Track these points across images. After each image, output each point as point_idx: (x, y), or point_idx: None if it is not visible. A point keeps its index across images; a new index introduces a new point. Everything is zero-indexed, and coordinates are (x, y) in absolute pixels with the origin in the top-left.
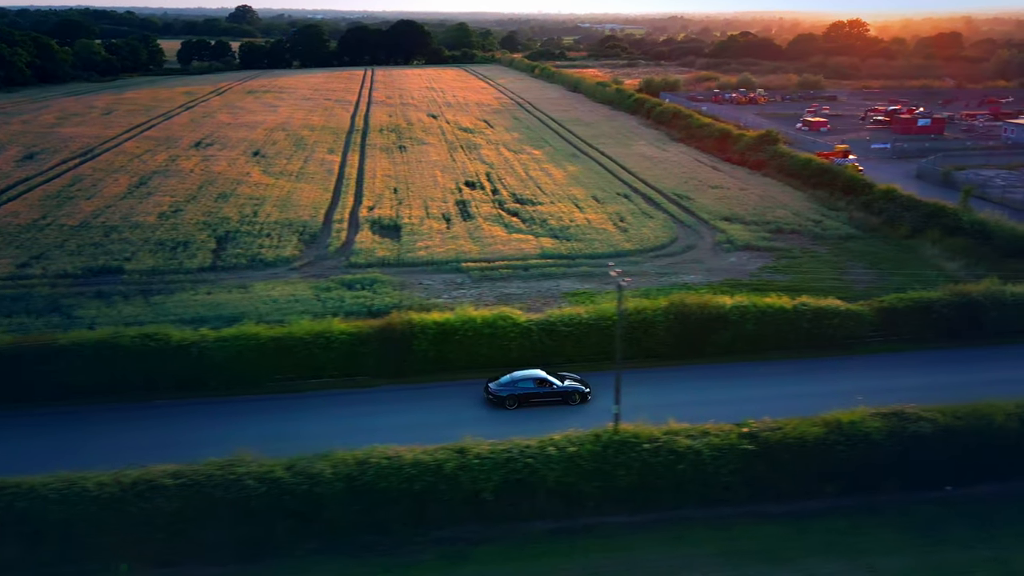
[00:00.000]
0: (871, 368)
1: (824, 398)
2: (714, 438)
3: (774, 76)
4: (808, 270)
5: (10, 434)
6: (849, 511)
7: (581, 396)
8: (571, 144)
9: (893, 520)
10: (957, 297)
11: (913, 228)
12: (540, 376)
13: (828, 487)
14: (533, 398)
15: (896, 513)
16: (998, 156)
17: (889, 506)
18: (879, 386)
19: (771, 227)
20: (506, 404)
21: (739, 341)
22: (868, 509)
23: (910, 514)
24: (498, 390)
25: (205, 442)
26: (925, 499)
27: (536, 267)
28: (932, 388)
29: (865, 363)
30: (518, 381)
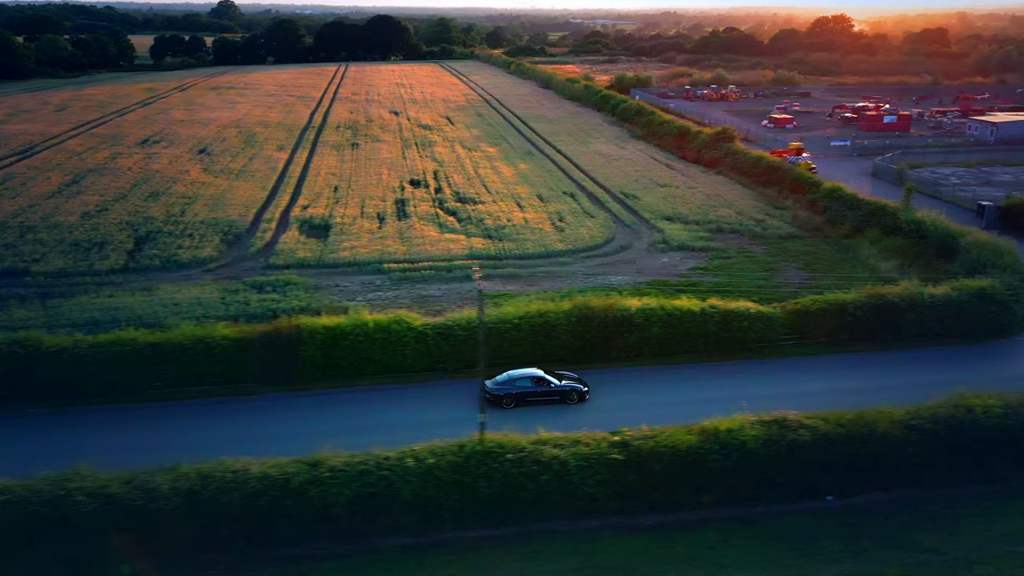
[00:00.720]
0: (779, 372)
1: (723, 403)
2: (583, 448)
3: (750, 72)
4: (739, 270)
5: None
6: (723, 523)
7: (579, 395)
8: (529, 141)
9: (765, 532)
10: (872, 299)
11: (854, 227)
12: (538, 375)
13: (704, 498)
14: (530, 397)
15: (769, 525)
16: (958, 153)
17: (764, 517)
18: (787, 391)
19: (712, 226)
20: (503, 403)
21: (645, 344)
22: (743, 520)
23: (784, 526)
24: (495, 389)
25: (71, 455)
26: (803, 510)
27: (461, 268)
28: (842, 392)
29: (774, 367)
30: (515, 380)
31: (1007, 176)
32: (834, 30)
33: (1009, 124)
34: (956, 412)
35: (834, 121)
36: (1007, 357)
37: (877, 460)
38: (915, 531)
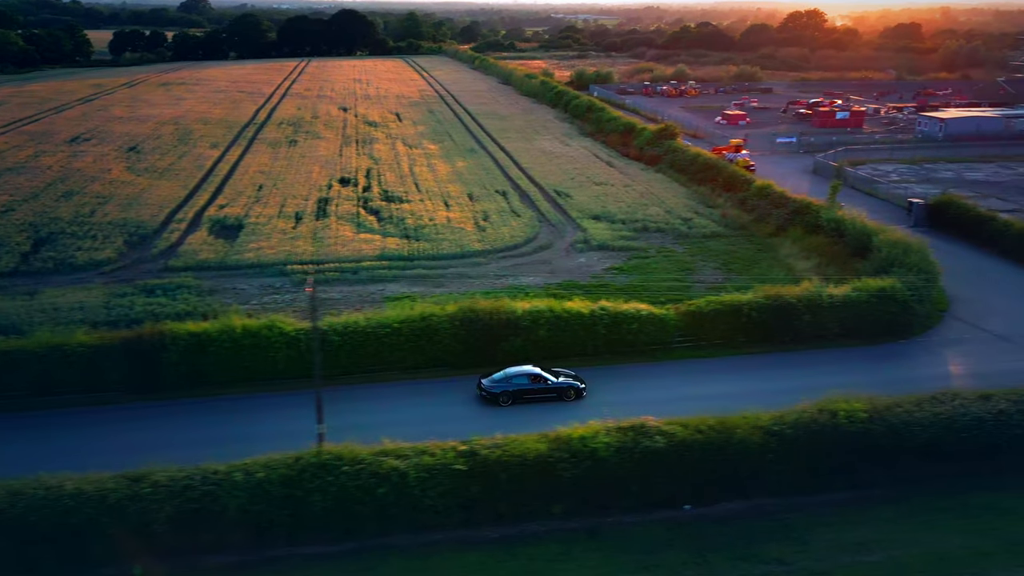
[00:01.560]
0: (669, 375)
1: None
2: (428, 458)
3: (714, 68)
4: (654, 271)
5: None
6: (569, 534)
7: (576, 392)
8: (474, 138)
9: (611, 543)
10: (769, 300)
11: (778, 226)
12: (534, 372)
13: (554, 508)
14: (527, 394)
15: (618, 535)
16: (903, 150)
17: (614, 528)
18: (674, 395)
19: (638, 225)
20: (500, 401)
21: (532, 347)
22: (590, 531)
23: (633, 536)
24: (491, 387)
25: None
26: (656, 520)
27: (369, 269)
28: (731, 396)
29: (665, 370)
30: (512, 377)
31: (948, 173)
32: (807, 25)
33: (958, 120)
34: (820, 417)
35: (788, 117)
36: (906, 358)
37: (735, 467)
38: (766, 541)
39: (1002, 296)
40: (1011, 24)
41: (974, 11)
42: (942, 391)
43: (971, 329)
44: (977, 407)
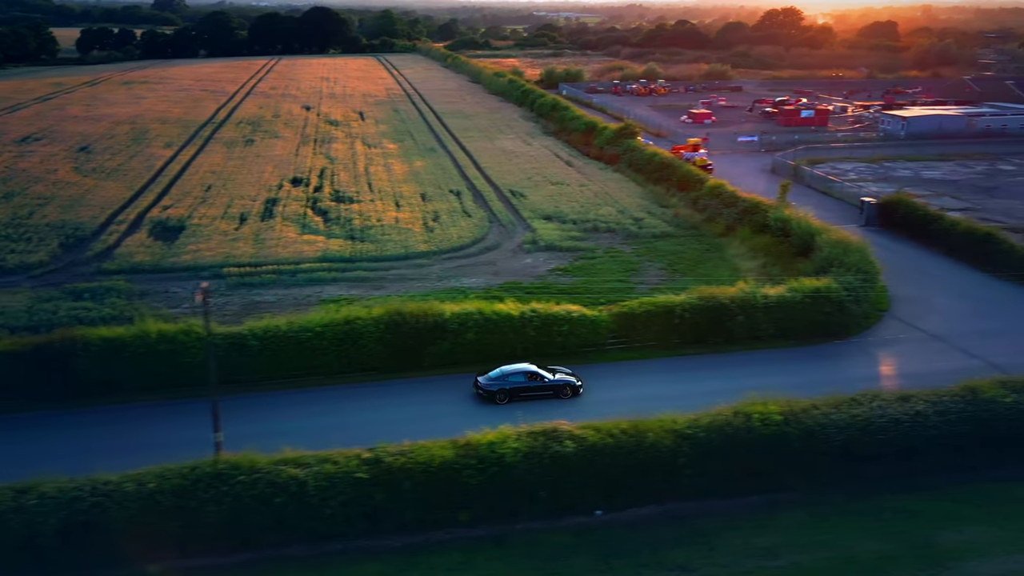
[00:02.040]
0: (601, 378)
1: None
2: (329, 466)
3: (686, 66)
4: (599, 272)
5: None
6: (474, 542)
7: (573, 389)
8: (436, 137)
9: (516, 551)
10: (702, 301)
11: (728, 225)
12: (531, 370)
13: (461, 515)
14: (524, 392)
15: (523, 543)
16: (865, 148)
17: (521, 535)
18: (606, 397)
19: (588, 226)
20: (497, 399)
21: (460, 351)
22: (495, 539)
23: (538, 543)
24: (488, 384)
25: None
26: (566, 526)
27: (308, 271)
28: (663, 398)
29: (597, 372)
30: (508, 375)
31: (906, 172)
32: (783, 23)
33: (919, 119)
34: (734, 420)
35: (754, 116)
36: (839, 359)
37: (647, 472)
38: (673, 546)
39: (943, 295)
40: (992, 22)
41: (955, 9)
42: (862, 392)
43: (908, 329)
44: (895, 408)
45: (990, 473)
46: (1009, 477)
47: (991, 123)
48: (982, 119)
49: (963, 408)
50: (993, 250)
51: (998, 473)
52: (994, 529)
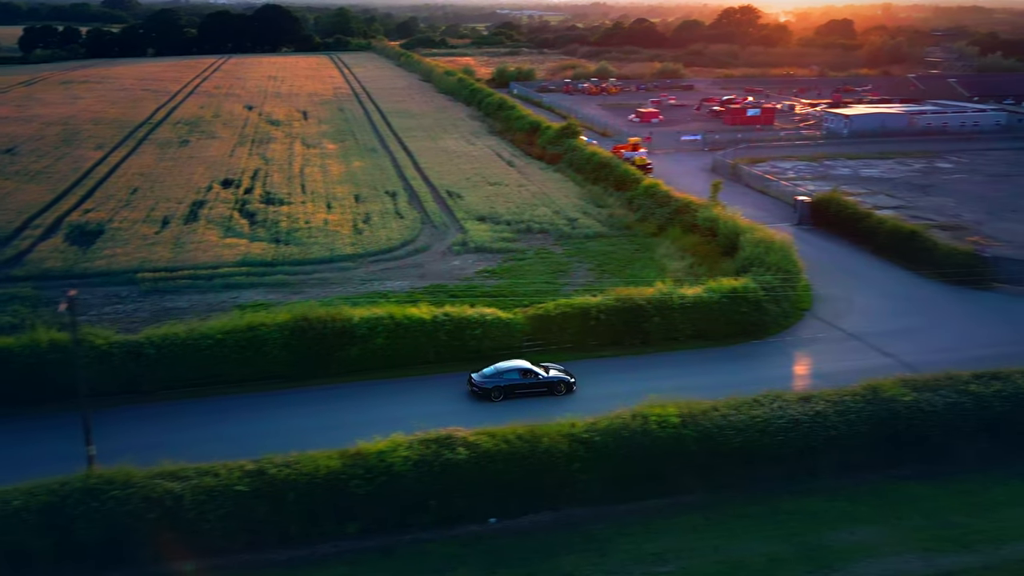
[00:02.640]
0: None
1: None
2: (209, 479)
3: (640, 64)
4: (527, 273)
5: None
6: (359, 554)
7: (567, 386)
8: (379, 137)
9: (402, 563)
10: (619, 302)
11: (659, 225)
12: (525, 367)
13: (349, 527)
14: (519, 389)
15: (411, 554)
16: (808, 147)
17: (410, 545)
18: (602, 392)
19: (522, 227)
20: (492, 396)
21: (369, 357)
22: (383, 551)
23: (426, 554)
24: (483, 382)
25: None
26: (455, 536)
27: (226, 276)
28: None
29: None
30: (503, 372)
31: (845, 170)
32: (739, 21)
33: (862, 117)
34: (631, 423)
35: (702, 115)
36: (755, 359)
37: (541, 478)
38: (564, 553)
39: (866, 294)
40: (950, 20)
41: (915, 7)
42: (765, 393)
43: (827, 328)
44: (795, 409)
45: (890, 472)
46: (907, 476)
47: (932, 121)
48: (923, 117)
49: (863, 408)
50: (917, 248)
51: (897, 472)
52: (886, 529)
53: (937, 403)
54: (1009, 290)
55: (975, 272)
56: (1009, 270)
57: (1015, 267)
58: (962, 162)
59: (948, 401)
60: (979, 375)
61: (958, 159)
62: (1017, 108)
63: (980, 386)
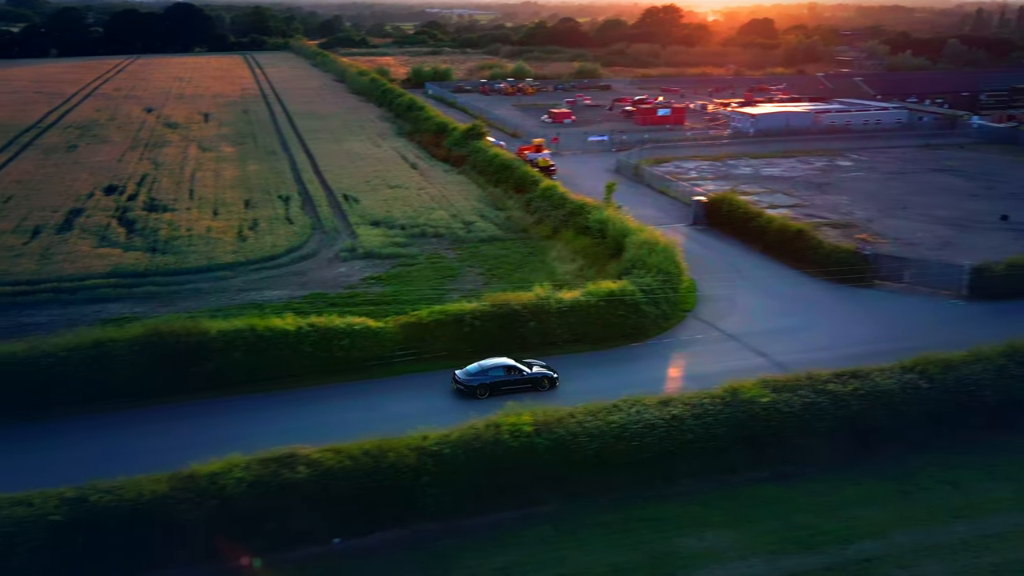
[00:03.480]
0: (385, 392)
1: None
2: (22, 509)
3: (560, 64)
4: (414, 279)
5: None
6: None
7: (550, 382)
8: (282, 140)
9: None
10: (494, 308)
11: (554, 228)
12: (509, 364)
13: (178, 555)
14: (504, 386)
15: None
16: (713, 147)
17: (242, 572)
18: (374, 416)
19: (416, 231)
20: (477, 393)
21: (228, 372)
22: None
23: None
24: (468, 380)
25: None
26: (292, 558)
27: (93, 288)
28: (449, 411)
29: (380, 388)
30: (488, 370)
31: (747, 169)
32: (662, 21)
33: (767, 116)
34: (484, 433)
35: (614, 115)
36: (632, 362)
37: (388, 494)
38: (408, 572)
39: (751, 294)
40: (871, 19)
41: (839, 7)
42: (624, 398)
43: (708, 329)
44: (651, 413)
45: (748, 475)
46: (766, 478)
47: (835, 120)
48: (827, 116)
49: (721, 410)
50: (802, 247)
51: (755, 475)
52: (736, 533)
53: (795, 403)
54: (888, 287)
55: (856, 270)
56: (889, 267)
57: (894, 264)
58: (861, 160)
59: (806, 401)
60: (840, 374)
61: (858, 157)
62: (919, 106)
63: (838, 385)
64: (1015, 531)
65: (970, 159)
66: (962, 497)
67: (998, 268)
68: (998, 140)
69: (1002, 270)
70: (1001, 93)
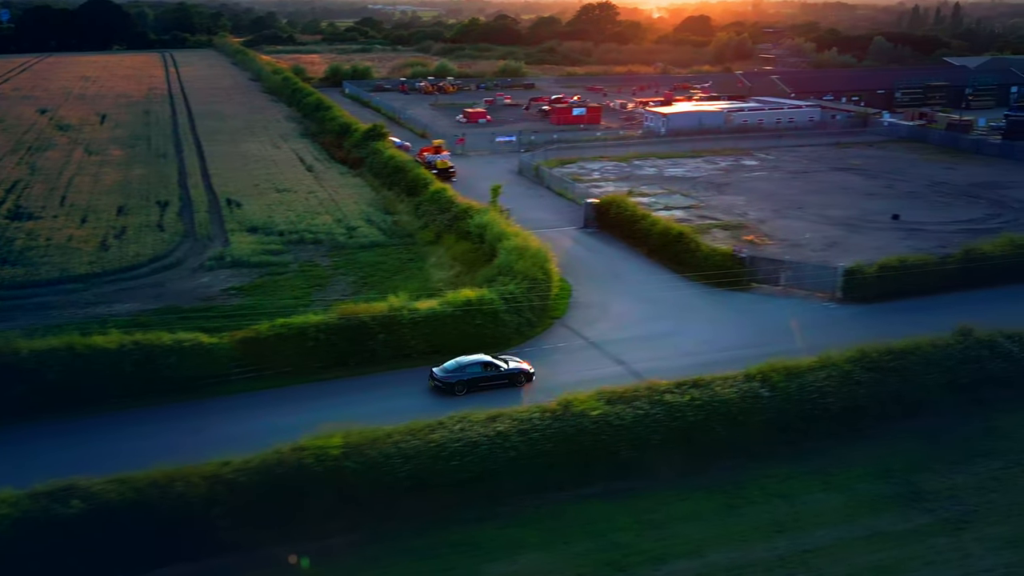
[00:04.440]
0: (214, 413)
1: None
2: None
3: (487, 63)
4: (281, 289)
5: None
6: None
7: (527, 377)
8: (177, 142)
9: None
10: (340, 320)
11: (438, 233)
12: (486, 360)
13: None
14: (482, 382)
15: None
16: (624, 146)
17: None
18: (190, 441)
19: (295, 237)
20: (455, 391)
21: (41, 394)
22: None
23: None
24: (446, 377)
25: None
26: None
27: None
28: (288, 429)
29: (213, 408)
30: (466, 367)
31: (652, 169)
32: (597, 18)
33: (679, 115)
34: (288, 459)
35: (531, 114)
36: None
37: (175, 527)
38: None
39: (624, 299)
40: (813, 15)
41: (784, 3)
42: (451, 415)
43: (572, 337)
44: (477, 430)
45: (577, 492)
46: (593, 495)
47: (748, 119)
48: (740, 115)
49: (549, 424)
50: (683, 250)
51: (584, 491)
52: (548, 556)
53: (627, 416)
54: (764, 290)
55: (733, 274)
56: (765, 270)
57: (770, 267)
58: (768, 159)
59: (639, 413)
60: (681, 383)
61: (766, 156)
62: (835, 104)
63: (676, 395)
64: (837, 545)
65: (875, 157)
66: (790, 510)
67: (870, 270)
68: (907, 138)
69: (874, 272)
70: (916, 90)
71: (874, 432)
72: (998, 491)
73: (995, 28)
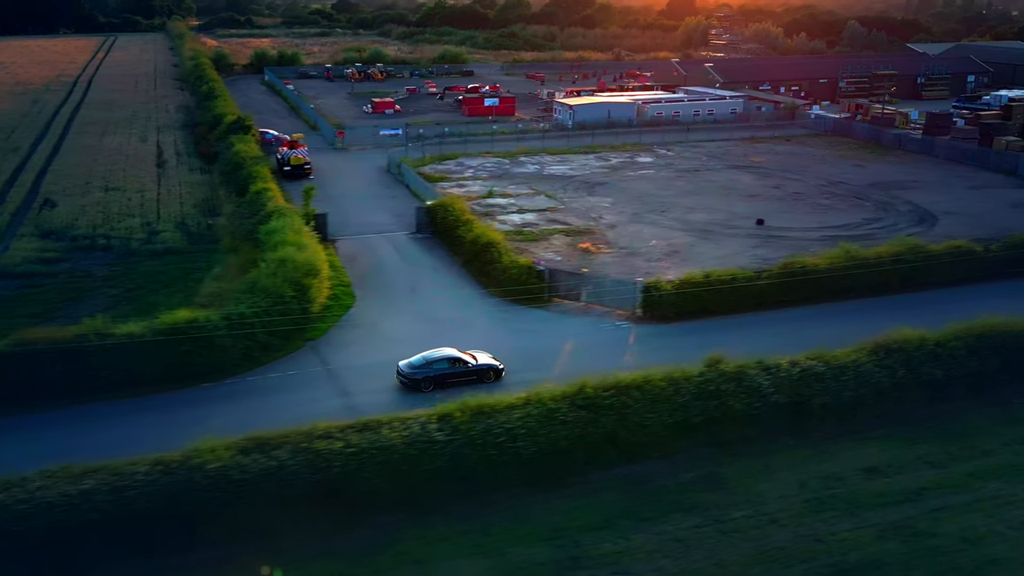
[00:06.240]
0: None
1: None
2: None
3: (435, 47)
4: (24, 303)
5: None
6: None
7: (496, 373)
8: (41, 134)
9: None
10: (15, 347)
11: (237, 239)
12: (454, 355)
13: None
14: (450, 379)
15: None
16: (524, 140)
17: None
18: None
19: (87, 243)
20: (422, 387)
21: None
22: None
23: None
24: (412, 373)
25: None
26: None
27: None
28: None
29: None
30: (432, 362)
31: (533, 167)
32: (566, 3)
33: (586, 107)
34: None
35: (446, 104)
36: (171, 411)
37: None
38: None
39: (404, 318)
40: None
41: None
42: (48, 469)
43: (313, 364)
44: (60, 488)
45: (179, 561)
46: (196, 563)
47: (662, 111)
48: (653, 107)
49: (154, 480)
50: (488, 261)
51: (189, 559)
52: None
53: (252, 468)
54: (564, 307)
55: (532, 289)
56: (566, 285)
57: (571, 281)
58: (666, 155)
59: (270, 465)
60: (350, 426)
61: (666, 152)
62: (765, 95)
63: (326, 442)
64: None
65: (784, 154)
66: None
67: (667, 286)
68: (832, 132)
69: (671, 289)
70: (861, 80)
71: (580, 481)
72: (673, 556)
73: (1011, 12)
